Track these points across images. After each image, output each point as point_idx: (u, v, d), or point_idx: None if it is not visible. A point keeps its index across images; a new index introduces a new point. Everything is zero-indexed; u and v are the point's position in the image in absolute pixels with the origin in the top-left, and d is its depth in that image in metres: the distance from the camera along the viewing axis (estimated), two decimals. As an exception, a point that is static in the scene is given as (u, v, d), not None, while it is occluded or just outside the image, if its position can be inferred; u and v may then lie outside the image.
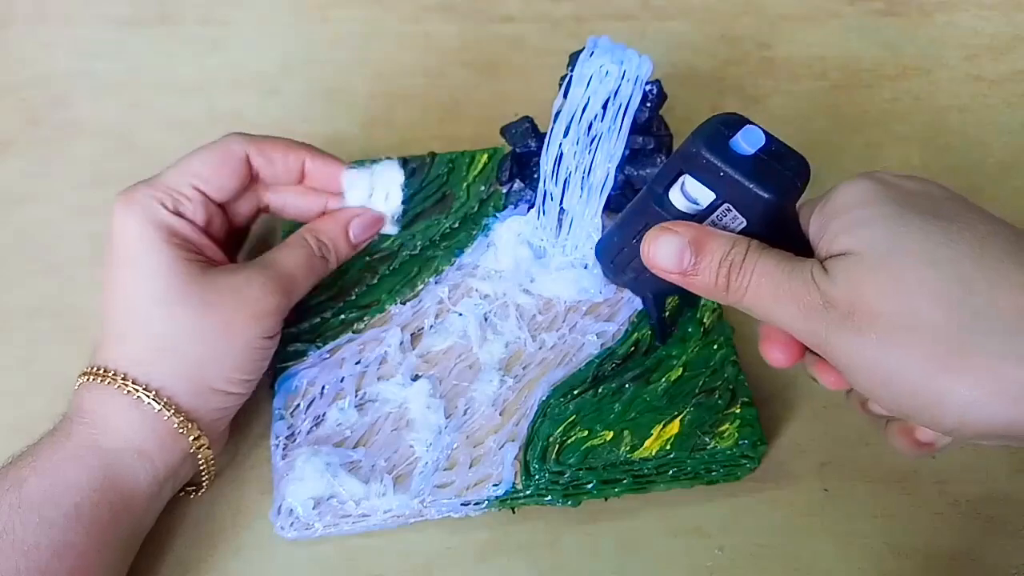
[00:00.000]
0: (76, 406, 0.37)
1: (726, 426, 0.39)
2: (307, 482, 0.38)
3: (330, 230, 0.42)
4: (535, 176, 0.43)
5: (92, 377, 0.36)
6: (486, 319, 0.43)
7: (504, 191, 0.46)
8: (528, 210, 0.44)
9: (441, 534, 0.39)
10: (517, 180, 0.45)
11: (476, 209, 0.46)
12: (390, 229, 0.45)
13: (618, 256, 0.36)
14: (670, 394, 0.40)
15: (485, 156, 0.48)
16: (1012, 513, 0.39)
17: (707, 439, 0.38)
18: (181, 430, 0.36)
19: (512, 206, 0.46)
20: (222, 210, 0.41)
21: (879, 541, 0.39)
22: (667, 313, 0.41)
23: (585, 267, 0.44)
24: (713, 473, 0.39)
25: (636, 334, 0.42)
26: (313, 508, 0.38)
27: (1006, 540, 0.39)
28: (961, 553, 0.38)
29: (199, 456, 0.38)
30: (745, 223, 0.30)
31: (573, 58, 0.41)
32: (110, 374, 0.36)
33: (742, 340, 0.42)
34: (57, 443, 0.35)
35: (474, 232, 0.46)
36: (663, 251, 0.30)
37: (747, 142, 0.29)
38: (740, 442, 0.38)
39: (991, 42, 0.58)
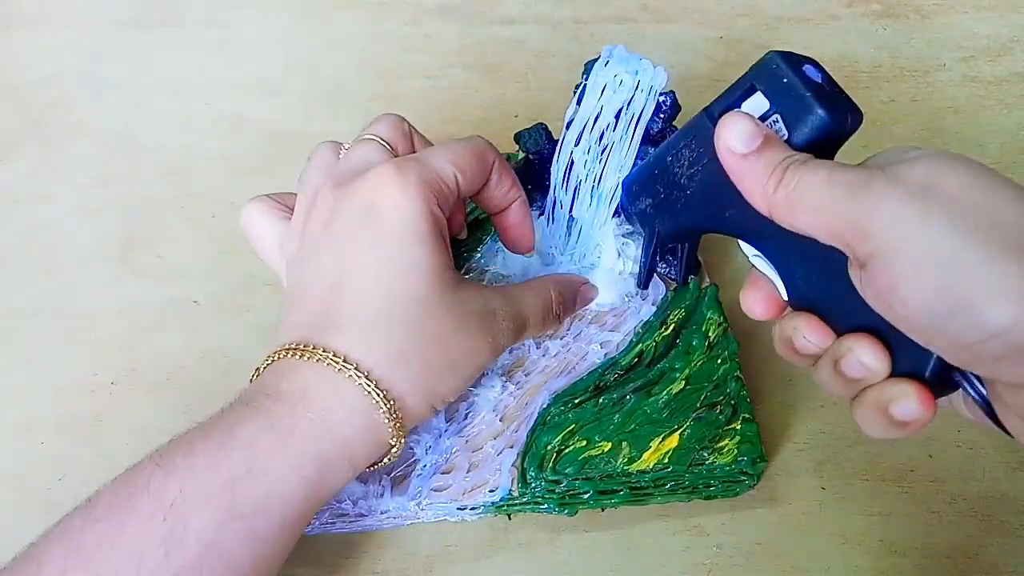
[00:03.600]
0: (301, 389, 0.32)
1: (726, 442, 0.38)
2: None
3: (571, 288, 0.40)
4: (547, 183, 0.42)
5: (326, 360, 0.32)
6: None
7: None
8: (538, 216, 0.44)
9: (441, 532, 0.39)
10: (529, 186, 0.44)
11: (487, 214, 0.46)
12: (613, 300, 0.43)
13: (648, 178, 0.35)
14: (671, 407, 0.39)
15: None
16: (1009, 512, 0.39)
17: (706, 454, 0.38)
18: (394, 445, 0.33)
19: None
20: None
21: (876, 539, 0.39)
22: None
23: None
24: (711, 488, 0.39)
25: (640, 345, 0.42)
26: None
27: (1003, 539, 0.39)
28: (958, 551, 0.38)
29: (373, 467, 0.35)
30: (787, 136, 0.31)
31: (588, 66, 0.40)
32: (351, 367, 0.32)
33: (746, 350, 0.42)
34: (277, 441, 0.31)
35: (484, 236, 0.45)
36: (738, 127, 0.30)
37: (813, 73, 0.31)
38: (739, 459, 0.38)
39: (988, 44, 0.59)
